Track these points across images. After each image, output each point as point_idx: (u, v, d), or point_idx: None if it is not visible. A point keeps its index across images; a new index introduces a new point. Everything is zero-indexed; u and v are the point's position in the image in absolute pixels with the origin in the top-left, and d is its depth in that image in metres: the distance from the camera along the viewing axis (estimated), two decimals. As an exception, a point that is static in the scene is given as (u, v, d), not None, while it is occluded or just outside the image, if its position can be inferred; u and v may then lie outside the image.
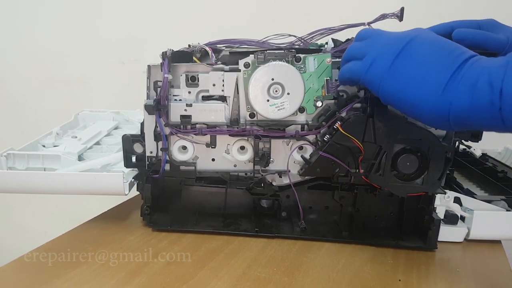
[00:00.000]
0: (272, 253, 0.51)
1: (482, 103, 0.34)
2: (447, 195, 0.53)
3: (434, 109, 0.37)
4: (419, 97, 0.38)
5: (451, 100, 0.36)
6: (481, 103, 0.34)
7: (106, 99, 1.05)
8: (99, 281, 0.44)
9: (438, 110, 0.37)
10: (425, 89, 0.37)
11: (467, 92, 0.35)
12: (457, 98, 0.35)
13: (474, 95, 0.34)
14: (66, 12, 1.02)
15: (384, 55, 0.40)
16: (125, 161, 0.54)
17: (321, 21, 0.59)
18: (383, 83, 0.40)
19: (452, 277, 0.48)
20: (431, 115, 0.37)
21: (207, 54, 0.52)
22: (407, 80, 0.38)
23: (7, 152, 0.57)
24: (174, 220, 0.57)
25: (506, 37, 0.45)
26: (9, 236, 1.23)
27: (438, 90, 0.36)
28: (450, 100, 0.36)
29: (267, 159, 0.52)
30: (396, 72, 0.39)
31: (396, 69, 0.39)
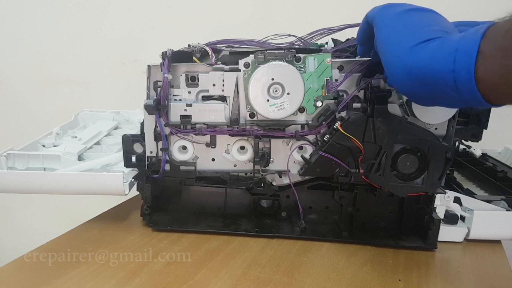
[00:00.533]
0: (272, 253, 0.51)
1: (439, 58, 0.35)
2: (447, 195, 0.53)
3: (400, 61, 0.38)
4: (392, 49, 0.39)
5: (414, 57, 0.37)
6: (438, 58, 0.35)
7: (106, 99, 1.06)
8: (99, 281, 0.44)
9: (402, 63, 0.38)
10: (400, 44, 0.38)
11: (430, 52, 0.36)
12: (420, 56, 0.36)
13: (434, 54, 0.35)
14: (66, 12, 1.02)
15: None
16: (125, 161, 0.54)
17: (321, 21, 0.59)
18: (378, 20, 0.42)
19: (452, 277, 0.48)
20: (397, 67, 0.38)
21: (207, 54, 0.52)
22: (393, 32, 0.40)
23: (7, 152, 0.57)
24: (174, 220, 0.57)
25: None
26: (9, 236, 1.23)
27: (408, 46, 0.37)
28: (414, 57, 0.37)
29: (267, 159, 0.52)
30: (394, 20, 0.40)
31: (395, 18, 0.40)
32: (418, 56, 0.36)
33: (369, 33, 0.45)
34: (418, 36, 0.37)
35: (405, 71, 0.37)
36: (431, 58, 0.35)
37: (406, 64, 0.37)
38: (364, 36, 0.47)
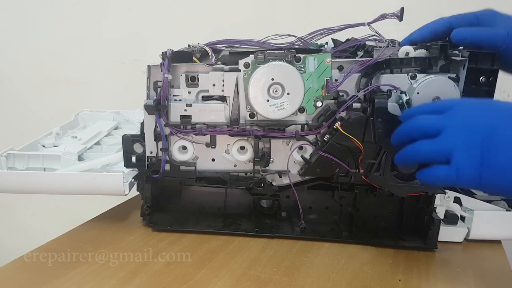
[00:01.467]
0: (272, 253, 0.51)
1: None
2: (447, 195, 0.53)
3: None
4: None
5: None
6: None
7: (106, 99, 1.05)
8: (99, 281, 0.44)
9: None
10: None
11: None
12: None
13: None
14: (66, 12, 1.02)
15: (472, 152, 0.37)
16: (125, 161, 0.54)
17: (321, 21, 0.59)
18: (483, 181, 0.37)
19: (452, 277, 0.48)
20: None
21: (207, 54, 0.52)
22: (506, 170, 0.36)
23: (7, 152, 0.57)
24: (174, 220, 0.57)
25: (505, 30, 0.46)
26: (9, 236, 1.23)
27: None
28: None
29: (267, 159, 0.52)
30: (492, 168, 0.36)
31: (491, 165, 0.36)
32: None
33: None
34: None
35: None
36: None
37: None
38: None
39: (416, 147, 0.41)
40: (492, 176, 0.36)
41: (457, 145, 0.38)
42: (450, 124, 0.39)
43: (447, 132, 0.39)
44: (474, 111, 0.39)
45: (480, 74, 0.48)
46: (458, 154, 0.37)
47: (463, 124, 0.38)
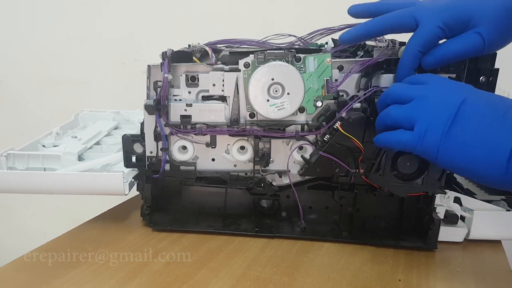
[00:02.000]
0: (272, 253, 0.51)
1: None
2: (447, 195, 0.53)
3: (498, 180, 0.36)
4: (481, 167, 0.36)
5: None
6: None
7: (106, 99, 1.05)
8: (99, 281, 0.44)
9: (502, 181, 0.35)
10: (488, 160, 0.35)
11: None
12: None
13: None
14: (66, 12, 1.02)
15: (437, 122, 0.38)
16: (125, 161, 0.54)
17: (321, 21, 0.59)
18: (440, 153, 0.38)
19: (452, 277, 0.48)
20: (498, 182, 0.36)
21: (207, 54, 0.52)
22: (467, 147, 0.36)
23: (7, 152, 0.57)
24: (174, 220, 0.57)
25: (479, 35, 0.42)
26: (9, 236, 1.23)
27: (501, 162, 0.35)
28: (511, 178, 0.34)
29: (267, 159, 0.52)
30: (453, 140, 0.37)
31: (452, 137, 0.37)
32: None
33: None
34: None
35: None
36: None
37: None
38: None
39: (386, 110, 0.42)
40: (450, 149, 0.37)
41: (424, 113, 0.38)
42: (422, 94, 0.40)
43: (417, 100, 0.40)
44: (447, 86, 0.40)
45: (480, 74, 0.48)
46: (422, 121, 0.38)
47: (434, 95, 0.39)
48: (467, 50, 0.43)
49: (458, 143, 0.37)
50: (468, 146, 0.36)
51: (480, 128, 0.36)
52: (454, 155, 0.37)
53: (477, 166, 0.36)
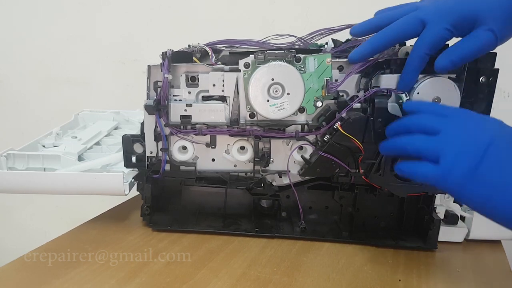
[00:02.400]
0: (272, 253, 0.51)
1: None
2: (447, 195, 0.53)
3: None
4: (507, 211, 0.35)
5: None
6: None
7: (106, 99, 1.05)
8: (99, 281, 0.44)
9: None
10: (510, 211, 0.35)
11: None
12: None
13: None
14: (66, 12, 1.02)
15: (464, 159, 0.36)
16: (125, 161, 0.54)
17: (321, 21, 0.59)
18: (464, 191, 0.36)
19: (452, 277, 0.48)
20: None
21: (207, 54, 0.52)
22: (493, 189, 0.35)
23: (7, 152, 0.57)
24: (174, 220, 0.57)
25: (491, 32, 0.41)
26: (9, 236, 1.22)
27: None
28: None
29: (267, 159, 0.52)
30: (479, 179, 0.35)
31: (479, 176, 0.35)
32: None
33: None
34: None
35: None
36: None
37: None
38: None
39: (411, 138, 0.41)
40: (474, 188, 0.36)
41: (452, 148, 0.37)
42: (451, 128, 0.39)
43: (446, 133, 0.38)
44: (476, 122, 0.39)
45: (480, 74, 0.48)
46: (450, 156, 0.37)
47: (463, 130, 0.38)
48: (482, 48, 0.42)
49: (483, 184, 0.35)
50: (493, 190, 0.35)
51: (507, 174, 0.35)
52: (478, 196, 0.36)
53: (501, 209, 0.36)
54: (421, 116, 0.42)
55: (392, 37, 0.45)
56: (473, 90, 0.48)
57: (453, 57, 0.42)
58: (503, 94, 0.79)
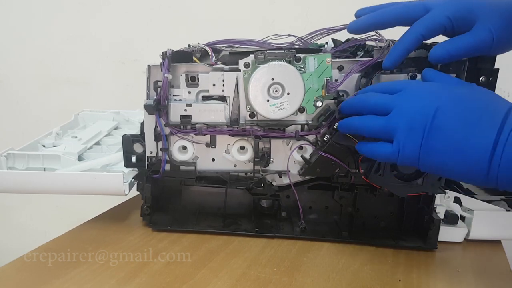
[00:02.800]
0: (272, 253, 0.51)
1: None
2: (447, 195, 0.53)
3: (481, 181, 0.37)
4: (463, 171, 0.38)
5: (497, 175, 0.35)
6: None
7: (106, 99, 1.05)
8: (99, 281, 0.44)
9: (485, 182, 0.37)
10: (468, 165, 0.37)
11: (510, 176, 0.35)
12: (504, 173, 0.35)
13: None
14: (66, 12, 1.02)
15: (413, 135, 0.39)
16: (125, 161, 0.54)
17: (321, 21, 0.59)
18: (421, 163, 0.40)
19: (452, 277, 0.48)
20: (478, 183, 0.38)
21: (207, 54, 0.52)
22: (445, 158, 0.38)
23: (7, 152, 0.57)
24: (174, 220, 0.57)
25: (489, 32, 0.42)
26: (9, 236, 1.22)
27: (481, 169, 0.36)
28: (496, 174, 0.36)
29: (267, 159, 0.52)
30: (431, 152, 0.38)
31: (429, 149, 0.38)
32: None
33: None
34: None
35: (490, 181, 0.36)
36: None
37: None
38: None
39: (364, 121, 0.43)
40: (429, 158, 0.39)
41: (401, 126, 0.39)
42: (398, 105, 0.40)
43: (394, 112, 0.40)
44: (423, 95, 0.40)
45: (480, 74, 0.48)
46: (400, 135, 0.39)
47: (409, 106, 0.40)
48: (478, 46, 0.42)
49: (436, 154, 0.38)
50: (445, 157, 0.38)
51: (455, 139, 0.37)
52: (434, 164, 0.39)
53: (457, 174, 0.38)
54: (370, 96, 0.44)
55: (394, 16, 0.45)
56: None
57: (449, 48, 0.43)
58: (503, 94, 0.79)
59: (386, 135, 0.41)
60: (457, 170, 0.38)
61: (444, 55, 0.43)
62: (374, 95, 0.43)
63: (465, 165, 0.37)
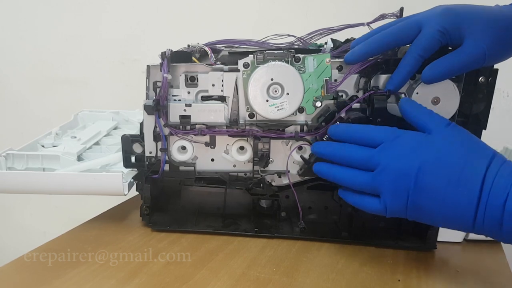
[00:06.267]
0: (271, 253, 0.51)
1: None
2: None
3: (468, 231, 0.39)
4: (449, 224, 0.40)
5: (482, 227, 0.38)
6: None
7: (106, 99, 1.06)
8: (99, 281, 0.44)
9: (472, 231, 0.39)
10: (453, 219, 0.39)
11: (496, 226, 0.37)
12: (488, 231, 0.37)
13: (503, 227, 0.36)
14: (66, 12, 1.02)
15: (397, 195, 0.41)
16: (125, 161, 0.54)
17: (320, 21, 0.59)
18: (408, 216, 0.42)
19: (452, 277, 0.48)
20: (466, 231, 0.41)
21: (206, 54, 0.52)
22: (431, 212, 0.40)
23: (6, 152, 0.57)
24: (173, 220, 0.57)
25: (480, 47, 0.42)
26: (9, 236, 1.23)
27: (467, 225, 0.38)
28: (481, 227, 0.38)
29: (266, 159, 0.52)
30: (417, 209, 0.40)
31: (415, 206, 0.40)
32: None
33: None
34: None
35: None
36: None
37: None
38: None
39: (349, 176, 0.44)
40: (415, 214, 0.41)
41: (386, 187, 0.41)
42: (381, 164, 0.41)
43: (378, 171, 0.41)
44: (403, 152, 0.41)
45: (479, 74, 0.48)
46: (386, 196, 0.41)
47: (392, 166, 0.41)
48: (470, 62, 0.42)
49: (422, 210, 0.40)
50: (431, 213, 0.40)
51: (439, 198, 0.39)
52: (422, 218, 0.41)
53: (444, 226, 0.41)
54: (351, 150, 0.44)
55: (390, 40, 0.45)
56: (473, 90, 0.48)
57: (441, 68, 0.43)
58: (502, 94, 0.79)
59: (372, 191, 0.43)
60: (443, 223, 0.41)
61: (437, 76, 0.44)
62: (355, 149, 0.44)
63: (451, 221, 0.39)
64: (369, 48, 0.46)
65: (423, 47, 0.43)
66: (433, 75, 0.44)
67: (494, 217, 0.36)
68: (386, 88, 0.47)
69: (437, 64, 0.43)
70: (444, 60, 0.43)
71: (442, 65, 0.43)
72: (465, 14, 0.43)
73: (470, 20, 0.42)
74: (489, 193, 0.36)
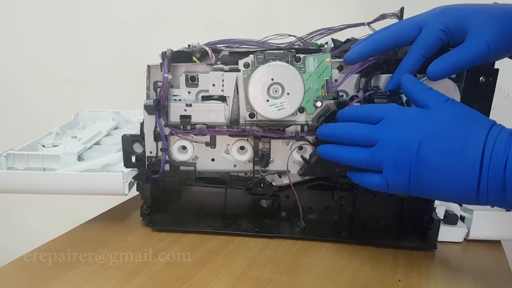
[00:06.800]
0: (272, 253, 0.51)
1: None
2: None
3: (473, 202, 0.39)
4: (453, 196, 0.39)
5: (487, 196, 0.37)
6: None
7: (106, 99, 1.05)
8: (99, 281, 0.44)
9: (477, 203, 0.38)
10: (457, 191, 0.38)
11: (499, 191, 0.36)
12: (493, 193, 0.37)
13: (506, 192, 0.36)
14: (66, 12, 1.02)
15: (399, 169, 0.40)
16: (125, 161, 0.54)
17: (321, 21, 0.59)
18: (411, 191, 0.41)
19: (452, 277, 0.48)
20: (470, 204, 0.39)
21: (206, 54, 0.52)
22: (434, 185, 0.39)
23: (6, 152, 0.57)
24: (174, 220, 0.57)
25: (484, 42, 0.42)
26: (9, 236, 1.23)
27: (471, 193, 0.37)
28: (486, 196, 0.37)
29: (266, 159, 0.52)
30: (419, 182, 0.40)
31: (418, 179, 0.40)
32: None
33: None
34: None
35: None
36: None
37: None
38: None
39: (349, 153, 0.44)
40: (418, 188, 0.40)
41: (387, 161, 0.41)
42: (382, 138, 0.41)
43: (378, 145, 0.41)
44: (404, 126, 0.41)
45: (480, 74, 0.48)
46: (387, 170, 0.41)
47: (393, 139, 0.40)
48: (474, 58, 0.42)
49: (425, 183, 0.40)
50: (435, 185, 0.39)
51: (442, 169, 0.38)
52: (425, 192, 0.41)
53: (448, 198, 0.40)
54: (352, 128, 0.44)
55: (390, 40, 0.46)
56: (473, 90, 0.48)
57: (446, 64, 0.43)
58: (502, 94, 0.79)
59: (373, 167, 0.42)
60: (447, 195, 0.40)
61: (442, 72, 0.43)
62: (356, 126, 0.44)
63: (455, 191, 0.38)
64: (369, 48, 0.46)
65: (424, 47, 0.44)
66: (438, 71, 0.43)
67: (497, 182, 0.36)
68: (387, 87, 0.47)
69: (442, 60, 0.43)
70: (448, 56, 0.43)
71: (447, 60, 0.43)
72: (465, 11, 0.43)
73: (470, 15, 0.43)
74: (490, 158, 0.36)
